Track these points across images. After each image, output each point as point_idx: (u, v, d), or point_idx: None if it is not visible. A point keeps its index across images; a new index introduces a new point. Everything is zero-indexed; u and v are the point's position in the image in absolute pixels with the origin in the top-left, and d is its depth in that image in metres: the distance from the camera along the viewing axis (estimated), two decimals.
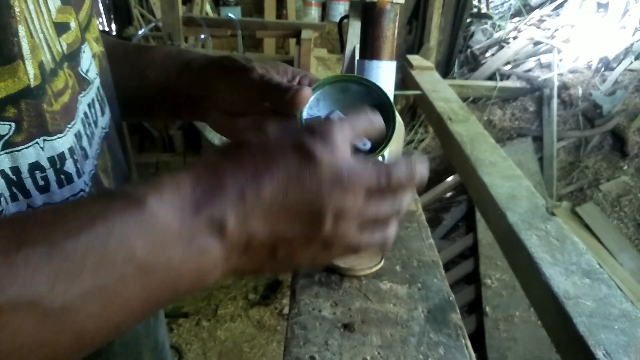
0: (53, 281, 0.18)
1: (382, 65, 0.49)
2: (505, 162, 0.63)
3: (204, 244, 0.22)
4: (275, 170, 0.24)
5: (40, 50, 0.24)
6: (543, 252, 0.45)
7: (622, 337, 0.35)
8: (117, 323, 0.21)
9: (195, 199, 0.22)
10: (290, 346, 0.39)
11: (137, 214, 0.21)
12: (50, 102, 0.24)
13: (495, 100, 2.55)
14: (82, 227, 0.19)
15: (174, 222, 0.21)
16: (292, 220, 0.24)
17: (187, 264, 0.22)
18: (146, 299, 0.22)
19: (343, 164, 0.24)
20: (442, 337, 0.41)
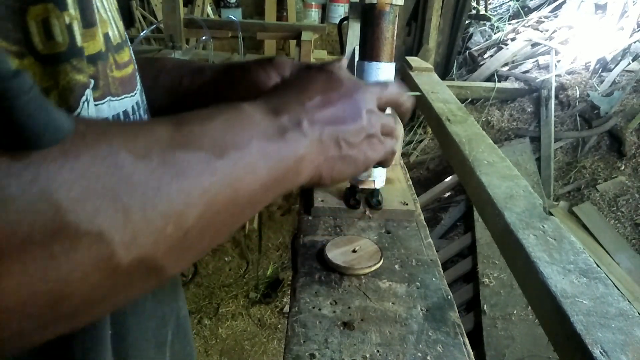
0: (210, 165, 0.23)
1: (381, 66, 0.50)
2: (503, 162, 0.64)
3: (295, 135, 0.29)
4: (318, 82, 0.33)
5: (107, 24, 0.28)
6: (540, 251, 0.45)
7: (619, 335, 0.35)
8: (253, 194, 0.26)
9: (271, 108, 0.29)
10: (290, 344, 0.39)
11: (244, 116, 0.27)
12: (112, 68, 0.28)
13: (493, 101, 2.56)
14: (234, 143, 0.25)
15: (268, 121, 0.28)
16: (342, 119, 0.32)
17: (290, 150, 0.28)
18: (269, 183, 0.27)
19: (355, 82, 0.34)
20: (440, 335, 0.41)
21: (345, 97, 0.33)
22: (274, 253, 2.12)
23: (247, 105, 0.28)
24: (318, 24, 2.56)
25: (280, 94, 0.32)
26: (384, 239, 0.56)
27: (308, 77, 0.33)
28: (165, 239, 0.20)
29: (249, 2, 3.15)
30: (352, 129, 0.33)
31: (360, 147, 0.34)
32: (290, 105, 0.30)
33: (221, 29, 1.70)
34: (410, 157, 2.60)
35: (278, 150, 0.27)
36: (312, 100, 0.31)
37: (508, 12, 3.44)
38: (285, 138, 0.28)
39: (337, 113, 0.32)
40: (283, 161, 0.28)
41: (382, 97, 0.36)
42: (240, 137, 0.25)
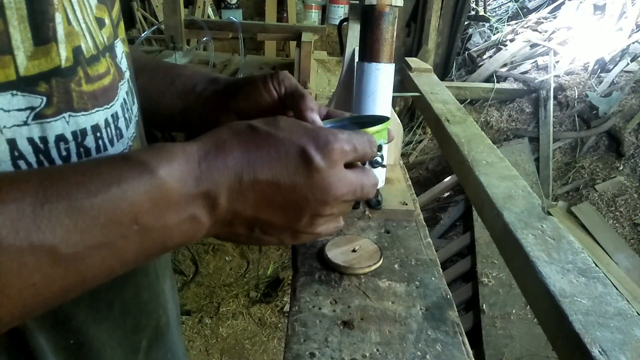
0: (69, 233, 0.21)
1: (381, 67, 0.50)
2: (502, 162, 0.64)
3: (196, 213, 0.26)
4: (274, 165, 0.27)
5: (79, 37, 0.27)
6: (539, 251, 0.45)
7: (617, 335, 0.35)
8: (111, 271, 0.24)
9: (199, 173, 0.26)
10: (290, 343, 0.39)
11: (148, 181, 0.24)
12: (79, 82, 0.27)
13: (492, 102, 2.56)
14: (99, 190, 0.22)
15: (176, 192, 0.25)
16: (275, 211, 0.28)
17: (179, 227, 0.25)
18: (139, 254, 0.25)
19: (332, 180, 0.28)
20: (439, 334, 0.41)
21: (296, 199, 0.27)
22: (274, 252, 2.12)
23: (166, 169, 0.24)
24: (318, 25, 2.56)
25: (230, 147, 0.26)
26: (384, 238, 0.56)
27: (280, 152, 0.27)
28: None
29: (249, 3, 3.16)
30: (277, 227, 0.29)
31: (277, 237, 0.30)
32: (222, 177, 0.26)
33: (222, 30, 1.70)
34: (410, 157, 2.61)
35: (166, 233, 0.25)
36: (253, 186, 0.26)
37: (507, 13, 3.44)
38: (187, 213, 0.25)
39: (270, 213, 0.28)
40: (165, 243, 0.25)
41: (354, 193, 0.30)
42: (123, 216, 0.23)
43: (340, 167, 0.29)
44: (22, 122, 0.25)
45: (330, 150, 0.28)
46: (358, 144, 0.30)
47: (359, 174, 0.31)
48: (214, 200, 0.26)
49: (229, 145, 0.27)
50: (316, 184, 0.28)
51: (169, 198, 0.24)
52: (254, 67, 1.70)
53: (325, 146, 0.28)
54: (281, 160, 0.27)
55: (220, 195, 0.26)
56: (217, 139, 0.27)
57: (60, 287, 0.22)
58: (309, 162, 0.27)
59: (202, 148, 0.26)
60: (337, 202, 0.29)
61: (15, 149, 0.25)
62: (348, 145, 0.29)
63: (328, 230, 0.32)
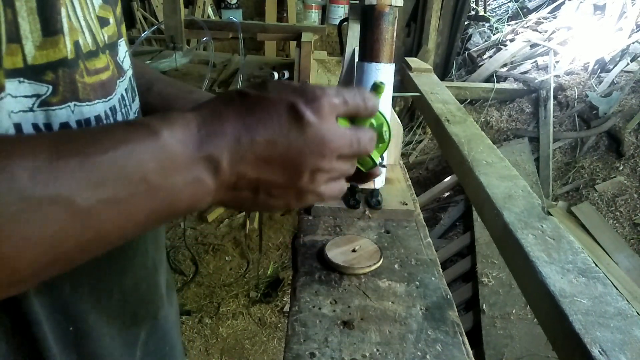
0: (84, 186, 0.22)
1: (381, 67, 0.50)
2: (501, 162, 0.64)
3: (201, 176, 0.26)
4: (269, 125, 0.27)
5: (78, 32, 0.29)
6: (539, 250, 0.45)
7: (617, 335, 0.35)
8: (125, 230, 0.25)
9: (199, 137, 0.26)
10: (290, 343, 0.39)
11: (153, 143, 0.24)
12: (82, 74, 0.29)
13: (492, 102, 2.56)
14: (109, 148, 0.23)
15: (180, 154, 0.25)
16: (275, 169, 0.28)
17: (185, 189, 0.26)
18: (149, 215, 0.25)
19: (326, 132, 0.29)
20: (439, 334, 0.41)
21: (294, 155, 0.28)
22: (274, 252, 2.12)
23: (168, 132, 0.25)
24: (318, 25, 2.56)
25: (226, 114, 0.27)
26: (384, 238, 0.56)
27: (269, 105, 0.28)
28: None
29: (249, 3, 3.16)
30: (280, 186, 0.29)
31: (283, 198, 0.30)
32: (222, 141, 0.26)
33: (222, 30, 1.70)
34: (410, 157, 2.61)
35: (170, 194, 0.25)
36: (252, 147, 0.27)
37: (507, 13, 3.44)
38: (188, 180, 0.25)
39: (272, 162, 0.28)
40: (173, 205, 0.26)
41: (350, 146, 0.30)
42: (132, 174, 0.23)
43: (332, 120, 0.29)
44: (28, 108, 0.26)
45: (320, 104, 0.28)
46: (348, 96, 0.30)
47: (354, 129, 0.31)
48: (216, 163, 0.26)
49: (224, 113, 0.27)
50: (310, 138, 0.28)
51: (172, 159, 0.25)
52: (254, 67, 1.70)
53: (314, 100, 0.28)
54: (274, 119, 0.27)
55: (222, 159, 0.26)
56: (212, 108, 0.28)
57: (76, 242, 0.23)
58: (300, 117, 0.28)
59: (199, 116, 0.27)
60: (335, 156, 0.30)
61: (21, 133, 0.26)
62: (337, 98, 0.29)
63: (332, 191, 0.32)
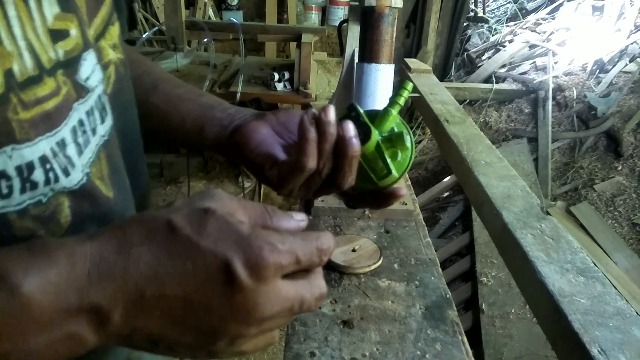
0: None
1: (380, 68, 0.50)
2: (500, 162, 0.64)
3: (76, 331, 0.21)
4: (188, 280, 0.22)
5: (13, 57, 0.24)
6: (538, 250, 0.45)
7: (616, 334, 0.36)
8: None
9: (86, 284, 0.21)
10: (291, 342, 0.39)
11: (6, 301, 0.19)
12: (15, 110, 0.24)
13: (491, 103, 2.57)
14: None
15: (47, 309, 0.20)
16: (185, 330, 0.23)
17: (50, 348, 0.21)
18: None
19: (260, 299, 0.23)
20: (439, 333, 0.42)
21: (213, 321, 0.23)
22: None
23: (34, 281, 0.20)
24: (318, 26, 2.57)
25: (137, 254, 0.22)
26: (383, 238, 0.56)
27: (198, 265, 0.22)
28: None
29: (249, 4, 3.16)
30: (188, 346, 0.24)
31: (188, 354, 0.25)
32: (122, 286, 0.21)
33: (222, 31, 1.71)
34: None
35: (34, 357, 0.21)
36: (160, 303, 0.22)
37: (506, 14, 3.45)
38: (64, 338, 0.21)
39: (179, 331, 0.23)
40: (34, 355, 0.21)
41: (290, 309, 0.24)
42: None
43: (273, 282, 0.23)
44: None
45: (263, 266, 0.22)
46: (302, 254, 0.24)
47: (299, 286, 0.25)
48: (104, 316, 0.21)
49: (135, 252, 0.22)
50: (237, 305, 0.22)
51: (35, 318, 0.20)
52: (255, 68, 1.71)
53: (257, 261, 0.22)
54: (197, 276, 0.22)
55: (112, 311, 0.21)
56: (122, 241, 0.22)
57: None
58: (231, 279, 0.22)
59: (98, 251, 0.22)
60: (265, 322, 0.24)
61: None
62: (288, 257, 0.23)
63: (257, 348, 0.26)
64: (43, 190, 0.26)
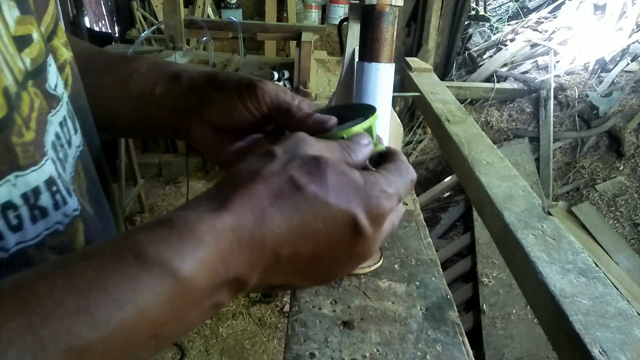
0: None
1: (381, 67, 0.50)
2: (502, 162, 0.64)
3: (221, 300, 0.21)
4: (320, 237, 0.23)
5: (2, 74, 0.22)
6: (539, 251, 0.45)
7: (618, 335, 0.35)
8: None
9: (229, 256, 0.21)
10: (290, 343, 0.39)
11: (171, 288, 0.19)
12: (20, 132, 0.22)
13: (492, 102, 2.56)
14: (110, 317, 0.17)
15: (202, 287, 0.20)
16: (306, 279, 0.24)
17: (198, 319, 0.21)
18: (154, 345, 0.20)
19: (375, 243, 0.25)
20: (440, 334, 0.41)
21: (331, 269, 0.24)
22: None
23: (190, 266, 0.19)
24: (318, 25, 2.57)
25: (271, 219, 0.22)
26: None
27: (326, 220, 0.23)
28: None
29: (249, 3, 3.16)
30: (300, 287, 0.26)
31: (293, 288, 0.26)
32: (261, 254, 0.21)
33: (222, 30, 1.71)
34: (410, 157, 2.61)
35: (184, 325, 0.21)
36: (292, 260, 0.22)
37: (507, 13, 3.45)
38: (209, 308, 0.21)
39: (300, 279, 0.24)
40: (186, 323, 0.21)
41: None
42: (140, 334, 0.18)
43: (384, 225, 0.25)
44: None
45: (382, 214, 0.24)
46: (404, 191, 0.26)
47: (393, 218, 0.26)
48: (243, 282, 0.22)
49: (269, 216, 0.22)
50: (358, 252, 0.24)
51: (194, 296, 0.20)
52: (254, 67, 1.71)
53: (378, 211, 0.24)
54: (328, 233, 0.23)
55: (252, 276, 0.22)
56: (254, 205, 0.22)
57: None
58: (358, 231, 0.23)
59: (236, 222, 0.21)
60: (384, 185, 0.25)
61: None
62: (397, 199, 0.25)
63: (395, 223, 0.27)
64: (56, 217, 0.25)
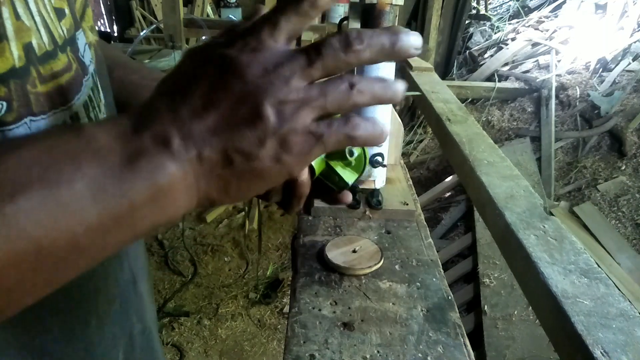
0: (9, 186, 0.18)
1: (381, 66, 0.49)
2: (503, 162, 0.64)
3: (154, 160, 0.21)
4: (199, 83, 0.23)
5: (32, 32, 0.25)
6: (541, 251, 0.45)
7: (620, 336, 0.35)
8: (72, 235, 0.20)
9: (132, 123, 0.22)
10: (290, 345, 0.39)
11: (80, 140, 0.21)
12: (34, 83, 0.25)
13: (493, 101, 2.55)
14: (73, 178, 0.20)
15: (116, 146, 0.21)
16: (233, 125, 0.23)
17: (140, 183, 0.21)
18: (104, 224, 0.21)
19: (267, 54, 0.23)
20: (441, 335, 0.41)
21: (239, 91, 0.22)
22: (273, 253, 2.12)
23: (92, 127, 0.22)
24: (318, 24, 2.56)
25: (153, 99, 0.23)
26: (384, 239, 0.56)
27: (193, 68, 0.23)
28: None
29: (248, 1, 3.16)
30: (248, 135, 0.22)
31: (267, 156, 0.23)
32: (158, 115, 0.22)
33: (221, 29, 1.71)
34: (411, 157, 2.60)
35: (118, 185, 0.21)
36: (189, 105, 0.22)
37: (508, 12, 3.44)
38: (136, 167, 0.21)
39: (224, 118, 0.22)
40: (127, 197, 0.21)
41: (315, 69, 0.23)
42: (55, 173, 0.20)
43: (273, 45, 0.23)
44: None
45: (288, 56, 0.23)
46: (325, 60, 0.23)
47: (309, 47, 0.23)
48: (164, 139, 0.22)
49: (152, 97, 0.24)
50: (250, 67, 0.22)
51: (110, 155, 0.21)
52: None
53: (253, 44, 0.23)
54: (202, 76, 0.23)
55: (167, 132, 0.22)
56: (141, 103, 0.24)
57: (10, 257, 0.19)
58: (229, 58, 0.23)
59: (128, 110, 0.23)
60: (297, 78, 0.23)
61: None
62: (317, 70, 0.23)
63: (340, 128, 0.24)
64: None
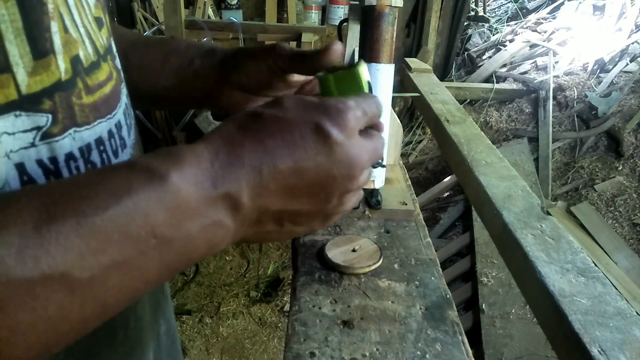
0: (82, 255, 0.19)
1: (380, 67, 0.50)
2: (501, 162, 0.64)
3: (219, 218, 0.23)
4: (292, 149, 0.25)
5: (78, 44, 0.26)
6: (538, 250, 0.45)
7: (617, 334, 0.36)
8: (134, 292, 0.22)
9: (214, 173, 0.23)
10: (290, 342, 0.39)
11: (160, 189, 0.21)
12: (79, 95, 0.26)
13: (492, 102, 2.56)
14: (109, 203, 0.20)
15: (193, 197, 0.22)
16: (302, 197, 0.26)
17: (202, 235, 0.23)
18: (162, 269, 0.22)
19: (355, 151, 0.27)
20: (439, 333, 0.42)
21: (322, 179, 0.25)
22: (274, 252, 2.12)
23: (177, 174, 0.22)
24: (318, 26, 2.57)
25: (240, 141, 0.24)
26: (384, 238, 0.56)
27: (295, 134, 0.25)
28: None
29: (249, 3, 3.16)
30: (307, 214, 0.27)
31: (308, 224, 0.28)
32: (240, 173, 0.23)
33: (222, 31, 1.71)
34: (410, 157, 2.61)
35: (183, 242, 0.22)
36: (275, 175, 0.24)
37: (506, 13, 3.45)
38: (208, 231, 0.23)
39: (297, 201, 0.26)
40: (187, 256, 0.23)
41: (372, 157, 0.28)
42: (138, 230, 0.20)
43: (357, 135, 0.27)
44: (29, 144, 0.23)
45: (345, 120, 0.26)
46: (367, 107, 0.28)
47: (370, 138, 0.28)
48: (236, 200, 0.23)
49: (238, 140, 0.24)
50: (340, 159, 0.26)
51: (186, 205, 0.22)
52: None
53: (339, 117, 0.26)
54: (298, 143, 0.25)
55: (242, 194, 0.24)
56: (224, 135, 0.25)
57: (78, 317, 0.20)
58: (327, 137, 0.25)
59: (211, 147, 0.24)
60: (361, 172, 0.28)
61: (24, 174, 0.23)
62: (359, 110, 0.27)
63: (353, 204, 0.30)
64: None
